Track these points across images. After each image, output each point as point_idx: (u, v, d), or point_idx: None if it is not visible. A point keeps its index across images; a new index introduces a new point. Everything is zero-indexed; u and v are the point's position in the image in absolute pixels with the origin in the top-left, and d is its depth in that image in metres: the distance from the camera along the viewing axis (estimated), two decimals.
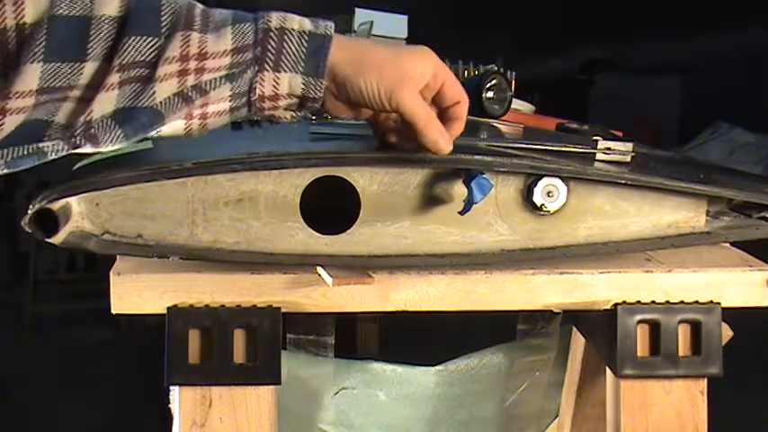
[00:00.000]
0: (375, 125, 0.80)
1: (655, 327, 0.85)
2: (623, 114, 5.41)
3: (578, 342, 1.13)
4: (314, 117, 0.98)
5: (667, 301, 0.85)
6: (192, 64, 0.66)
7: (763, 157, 5.14)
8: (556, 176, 0.82)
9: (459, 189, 0.81)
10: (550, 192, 0.82)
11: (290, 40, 0.68)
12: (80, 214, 0.77)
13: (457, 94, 0.77)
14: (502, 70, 1.23)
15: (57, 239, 0.74)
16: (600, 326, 0.88)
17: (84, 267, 4.32)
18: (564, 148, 0.88)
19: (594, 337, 0.96)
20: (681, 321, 0.85)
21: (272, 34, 0.68)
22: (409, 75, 0.73)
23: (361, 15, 1.41)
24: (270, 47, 0.68)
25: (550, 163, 0.82)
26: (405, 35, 1.39)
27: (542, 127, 1.23)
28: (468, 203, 0.77)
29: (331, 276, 0.78)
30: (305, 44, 0.69)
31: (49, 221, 0.73)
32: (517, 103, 1.32)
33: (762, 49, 5.53)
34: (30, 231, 0.73)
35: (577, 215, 0.85)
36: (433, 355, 1.23)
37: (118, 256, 0.83)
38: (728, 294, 0.86)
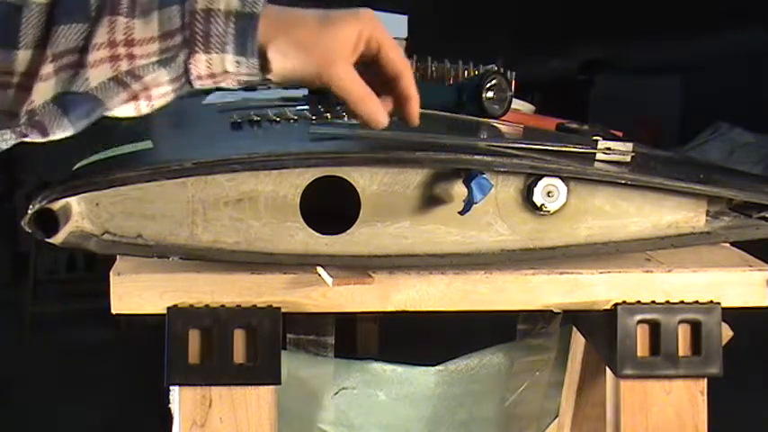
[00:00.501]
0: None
1: (655, 327, 0.85)
2: (623, 114, 5.40)
3: (578, 342, 1.13)
4: (314, 117, 0.98)
5: (667, 301, 0.85)
6: (122, 50, 0.66)
7: (763, 157, 5.13)
8: (556, 176, 0.82)
9: (459, 189, 0.81)
10: (550, 192, 0.82)
11: (217, 22, 0.67)
12: (80, 214, 0.77)
13: (395, 65, 0.74)
14: (502, 70, 1.23)
15: (57, 239, 0.75)
16: (600, 326, 0.88)
17: (84, 267, 4.31)
18: (564, 148, 0.88)
19: (594, 337, 0.96)
20: (681, 321, 0.85)
21: (197, 16, 0.67)
22: (337, 51, 0.70)
23: None
24: (197, 29, 0.67)
25: (550, 163, 0.82)
26: (405, 35, 1.39)
27: (542, 127, 1.22)
28: (468, 203, 0.77)
29: (331, 276, 0.78)
30: (231, 24, 0.67)
31: (49, 221, 0.73)
32: (517, 103, 1.32)
33: (762, 49, 5.52)
34: (30, 231, 0.73)
35: (577, 215, 0.85)
36: (433, 355, 1.23)
37: (118, 256, 0.83)
38: (728, 294, 0.86)
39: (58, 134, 0.67)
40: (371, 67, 0.74)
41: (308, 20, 0.71)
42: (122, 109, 0.70)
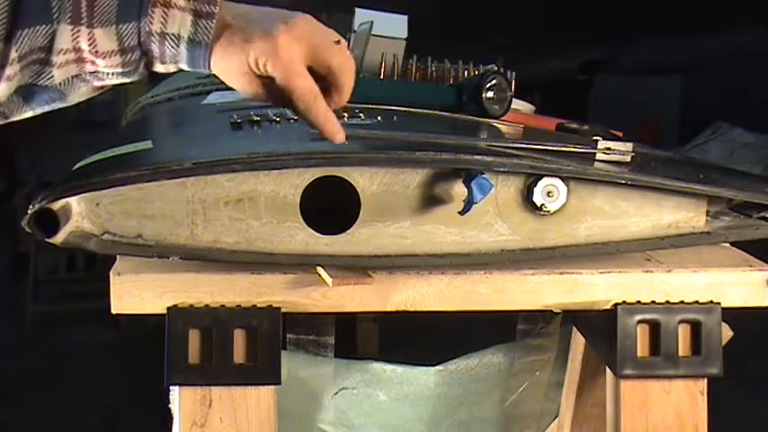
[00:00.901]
0: None
1: (655, 327, 0.85)
2: (623, 114, 5.40)
3: (578, 342, 1.13)
4: None
5: (667, 301, 0.85)
6: (87, 56, 0.70)
7: (763, 157, 5.13)
8: (556, 176, 0.82)
9: (459, 189, 0.81)
10: (550, 192, 0.82)
11: (170, 45, 0.71)
12: (80, 214, 0.77)
13: (286, 90, 0.73)
14: (502, 70, 1.23)
15: (57, 239, 0.74)
16: (600, 326, 0.88)
17: (84, 267, 4.31)
18: (564, 148, 0.88)
19: (594, 337, 0.96)
20: (681, 321, 0.85)
21: (153, 38, 0.70)
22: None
23: (361, 15, 1.41)
24: (153, 49, 0.71)
25: (550, 163, 0.82)
26: (405, 35, 1.39)
27: (542, 127, 1.23)
28: (468, 203, 0.77)
29: (331, 276, 0.78)
30: (185, 50, 0.71)
31: (49, 221, 0.73)
32: (517, 103, 1.32)
33: (762, 49, 5.52)
34: (30, 231, 0.73)
35: (577, 215, 0.84)
36: (433, 355, 1.23)
37: (118, 256, 0.83)
38: (728, 294, 0.86)
39: (18, 118, 0.73)
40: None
41: (244, 50, 0.71)
42: (82, 94, 0.74)
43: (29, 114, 0.73)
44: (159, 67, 0.73)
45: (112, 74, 0.72)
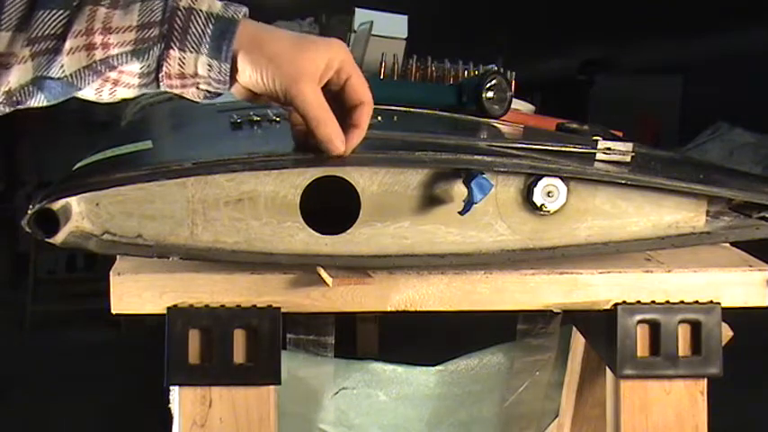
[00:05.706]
0: (288, 115, 0.80)
1: (655, 327, 0.85)
2: (623, 114, 5.41)
3: (578, 342, 1.13)
4: None
5: (667, 301, 0.85)
6: (98, 38, 0.68)
7: (763, 157, 5.13)
8: (556, 176, 0.82)
9: (459, 189, 0.81)
10: (550, 192, 0.82)
11: (197, 21, 0.69)
12: (80, 214, 0.77)
13: (360, 95, 0.75)
14: (502, 70, 1.23)
15: (57, 239, 0.74)
16: (600, 326, 0.88)
17: (84, 267, 4.31)
18: (564, 148, 0.88)
19: (594, 337, 0.96)
20: (681, 321, 0.85)
21: (179, 13, 0.69)
22: (307, 70, 0.72)
23: (361, 15, 1.41)
24: (176, 25, 0.69)
25: (550, 163, 0.82)
26: (405, 35, 1.39)
27: (542, 127, 1.23)
28: (469, 203, 0.77)
29: (331, 276, 0.78)
30: (211, 26, 0.69)
31: (49, 221, 0.73)
32: (517, 103, 1.32)
33: (762, 49, 5.52)
34: (30, 231, 0.73)
35: (577, 215, 0.84)
36: (433, 355, 1.23)
37: (118, 256, 0.83)
38: (728, 294, 0.86)
39: (33, 105, 0.73)
40: (335, 99, 0.76)
41: (284, 38, 0.72)
42: (86, 92, 0.73)
43: (44, 103, 0.73)
44: (174, 60, 0.70)
45: (122, 55, 0.69)
